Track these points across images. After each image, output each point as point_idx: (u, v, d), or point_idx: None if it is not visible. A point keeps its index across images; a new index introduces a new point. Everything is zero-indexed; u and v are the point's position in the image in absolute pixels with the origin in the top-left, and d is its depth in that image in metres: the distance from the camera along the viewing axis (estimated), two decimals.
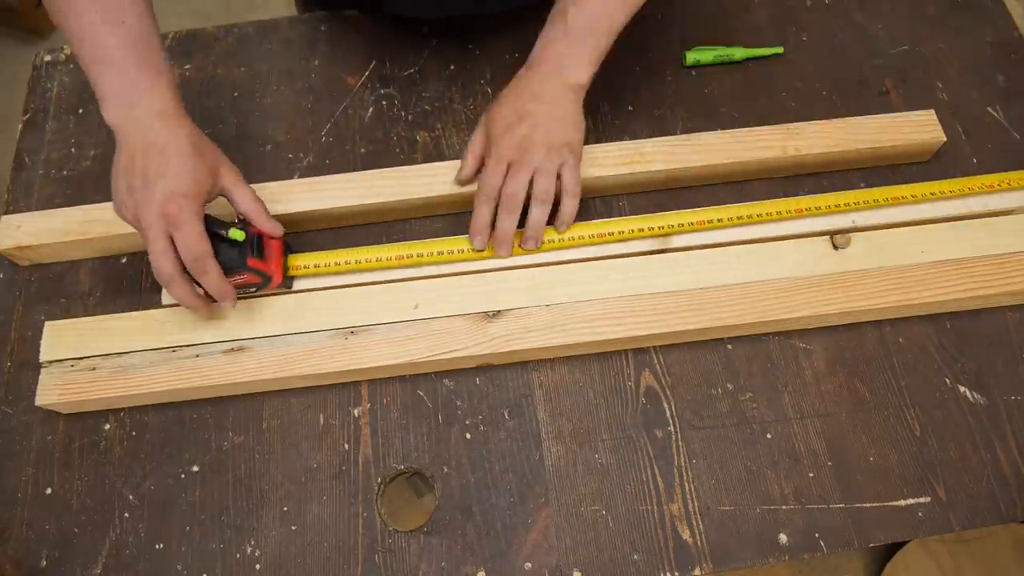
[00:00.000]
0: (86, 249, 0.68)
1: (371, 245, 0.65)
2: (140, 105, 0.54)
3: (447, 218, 0.70)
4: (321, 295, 0.63)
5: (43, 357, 0.61)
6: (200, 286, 0.56)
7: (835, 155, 0.69)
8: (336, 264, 0.63)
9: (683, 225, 0.64)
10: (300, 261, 0.63)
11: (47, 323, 0.63)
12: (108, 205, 0.67)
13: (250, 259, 0.58)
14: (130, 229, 0.65)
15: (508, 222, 0.61)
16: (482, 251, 0.63)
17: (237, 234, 0.56)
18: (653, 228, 0.64)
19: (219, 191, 0.57)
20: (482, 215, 0.62)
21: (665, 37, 0.80)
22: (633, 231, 0.64)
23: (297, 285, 0.64)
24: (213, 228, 0.56)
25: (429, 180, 0.67)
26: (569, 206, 0.63)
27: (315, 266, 0.63)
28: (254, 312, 0.62)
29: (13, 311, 0.68)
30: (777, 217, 0.65)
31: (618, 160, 0.68)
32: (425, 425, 0.62)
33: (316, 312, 0.62)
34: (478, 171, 0.64)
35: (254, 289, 0.61)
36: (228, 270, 0.56)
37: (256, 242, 0.59)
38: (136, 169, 0.53)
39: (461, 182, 0.66)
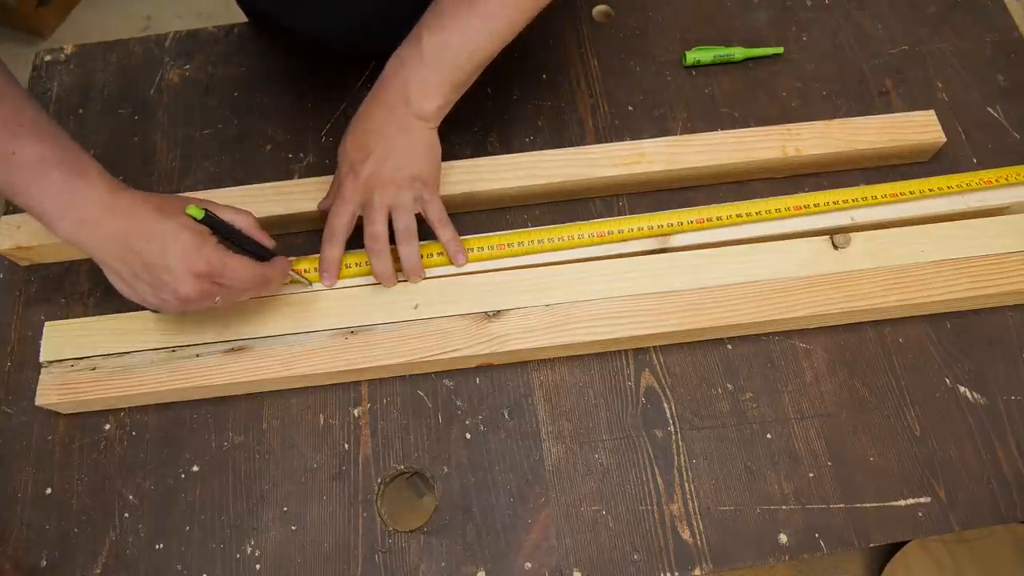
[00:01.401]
0: None
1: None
2: (82, 208, 0.50)
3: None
4: (322, 295, 0.63)
5: (43, 357, 0.61)
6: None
7: (835, 155, 0.69)
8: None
9: (683, 224, 0.65)
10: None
11: (47, 324, 0.63)
12: None
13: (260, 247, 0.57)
14: None
15: (380, 264, 0.60)
16: (330, 285, 0.62)
17: (196, 211, 0.52)
18: (653, 227, 0.64)
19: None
20: (326, 256, 0.60)
21: (665, 37, 0.80)
22: (633, 230, 0.64)
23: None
24: (225, 239, 0.54)
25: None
26: (447, 236, 0.61)
27: (305, 271, 0.63)
28: (254, 312, 0.62)
29: (13, 311, 0.68)
30: (776, 215, 0.65)
31: (618, 160, 0.68)
32: (425, 425, 0.62)
33: (316, 312, 0.62)
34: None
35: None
36: (261, 258, 0.56)
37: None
38: (134, 263, 0.50)
39: (321, 208, 0.64)
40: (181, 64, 0.80)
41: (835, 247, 0.63)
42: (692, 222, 0.65)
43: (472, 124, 0.75)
